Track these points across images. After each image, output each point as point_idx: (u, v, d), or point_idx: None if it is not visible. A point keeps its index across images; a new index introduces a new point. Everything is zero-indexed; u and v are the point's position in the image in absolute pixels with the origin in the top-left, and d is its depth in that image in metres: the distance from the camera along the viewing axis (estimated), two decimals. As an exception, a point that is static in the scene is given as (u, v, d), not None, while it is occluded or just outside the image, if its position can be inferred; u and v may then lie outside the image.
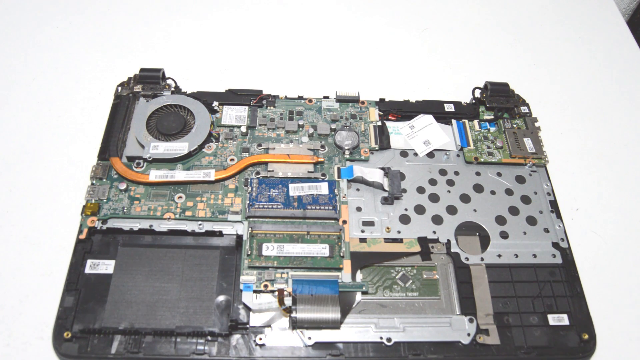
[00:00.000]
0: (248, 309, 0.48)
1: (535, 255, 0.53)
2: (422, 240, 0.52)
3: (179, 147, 0.55)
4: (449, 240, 0.53)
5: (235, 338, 0.46)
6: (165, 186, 0.54)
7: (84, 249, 0.50)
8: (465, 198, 0.56)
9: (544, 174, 0.59)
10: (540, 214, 0.56)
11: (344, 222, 0.53)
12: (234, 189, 0.54)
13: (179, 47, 0.71)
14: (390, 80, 0.69)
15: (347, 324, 0.47)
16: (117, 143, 0.56)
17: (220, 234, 0.51)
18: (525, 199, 0.57)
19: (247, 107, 0.61)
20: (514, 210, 0.56)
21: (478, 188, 0.57)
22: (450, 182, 0.57)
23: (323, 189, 0.53)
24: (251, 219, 0.52)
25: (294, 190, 0.53)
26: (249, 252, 0.49)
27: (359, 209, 0.54)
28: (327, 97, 0.63)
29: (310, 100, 0.62)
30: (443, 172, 0.58)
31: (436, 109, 0.63)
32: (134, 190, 0.53)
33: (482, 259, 0.52)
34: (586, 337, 0.48)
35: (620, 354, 0.50)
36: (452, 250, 0.52)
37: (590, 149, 0.65)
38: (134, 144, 0.56)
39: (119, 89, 0.61)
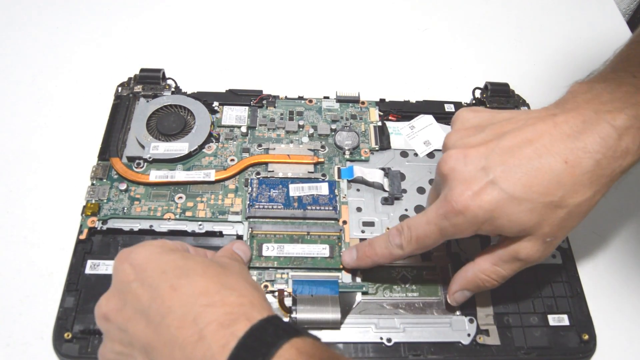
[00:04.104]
0: (248, 310, 0.47)
1: (535, 256, 0.53)
2: (422, 241, 0.52)
3: (179, 147, 0.55)
4: (449, 241, 0.53)
5: (236, 338, 0.46)
6: (166, 186, 0.54)
7: (84, 250, 0.50)
8: (465, 198, 0.56)
9: (544, 174, 0.59)
10: (541, 214, 0.56)
11: (344, 222, 0.53)
12: (234, 190, 0.54)
13: (179, 47, 0.71)
14: (390, 80, 0.69)
15: (347, 324, 0.47)
16: (117, 143, 0.56)
17: (220, 234, 0.51)
18: (526, 199, 0.56)
19: (247, 108, 0.61)
20: (514, 211, 0.55)
21: (478, 188, 0.57)
22: (451, 183, 0.57)
23: (323, 189, 0.53)
24: (251, 220, 0.52)
25: (294, 190, 0.53)
26: (249, 253, 0.49)
27: (359, 209, 0.54)
28: (328, 98, 0.63)
29: (310, 101, 0.62)
30: (443, 172, 0.58)
31: (436, 109, 0.63)
32: (134, 190, 0.53)
33: (482, 260, 0.52)
34: (586, 337, 0.48)
35: (620, 354, 0.50)
36: (452, 250, 0.52)
37: (590, 149, 0.65)
38: (134, 144, 0.56)
39: (119, 89, 0.61)
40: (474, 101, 0.64)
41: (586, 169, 0.38)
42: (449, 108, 0.63)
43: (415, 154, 0.59)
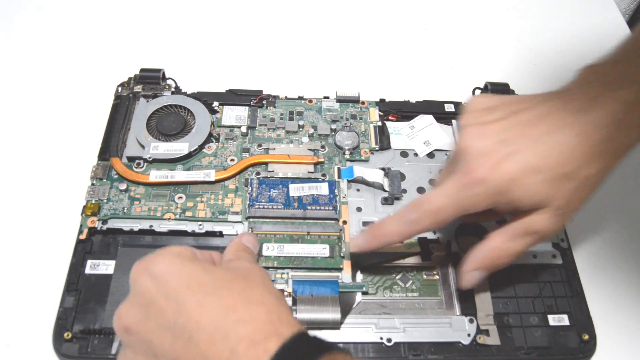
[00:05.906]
0: (248, 310, 0.47)
1: (535, 256, 0.53)
2: (422, 241, 0.52)
3: (179, 147, 0.55)
4: (449, 241, 0.53)
5: (236, 338, 0.46)
6: (166, 186, 0.54)
7: (84, 250, 0.50)
8: (465, 198, 0.56)
9: (544, 174, 0.59)
10: (541, 214, 0.56)
11: (344, 222, 0.53)
12: (234, 190, 0.54)
13: (179, 47, 0.71)
14: (390, 80, 0.69)
15: (347, 324, 0.47)
16: (117, 143, 0.56)
17: (220, 234, 0.51)
18: (526, 199, 0.56)
19: (247, 108, 0.61)
20: (514, 211, 0.56)
21: (478, 188, 0.57)
22: (451, 183, 0.57)
23: (323, 189, 0.53)
24: (251, 220, 0.52)
25: (294, 190, 0.53)
26: (249, 253, 0.49)
27: (359, 209, 0.54)
28: (328, 98, 0.63)
29: (310, 101, 0.62)
30: (443, 172, 0.58)
31: (436, 109, 0.63)
32: (134, 190, 0.53)
33: (482, 260, 0.52)
34: (586, 337, 0.48)
35: (621, 354, 0.50)
36: (452, 250, 0.52)
37: (590, 149, 0.65)
38: (134, 144, 0.56)
39: (119, 89, 0.61)
40: (474, 101, 0.64)
41: (596, 142, 0.40)
42: (449, 108, 0.63)
43: (415, 154, 0.59)
